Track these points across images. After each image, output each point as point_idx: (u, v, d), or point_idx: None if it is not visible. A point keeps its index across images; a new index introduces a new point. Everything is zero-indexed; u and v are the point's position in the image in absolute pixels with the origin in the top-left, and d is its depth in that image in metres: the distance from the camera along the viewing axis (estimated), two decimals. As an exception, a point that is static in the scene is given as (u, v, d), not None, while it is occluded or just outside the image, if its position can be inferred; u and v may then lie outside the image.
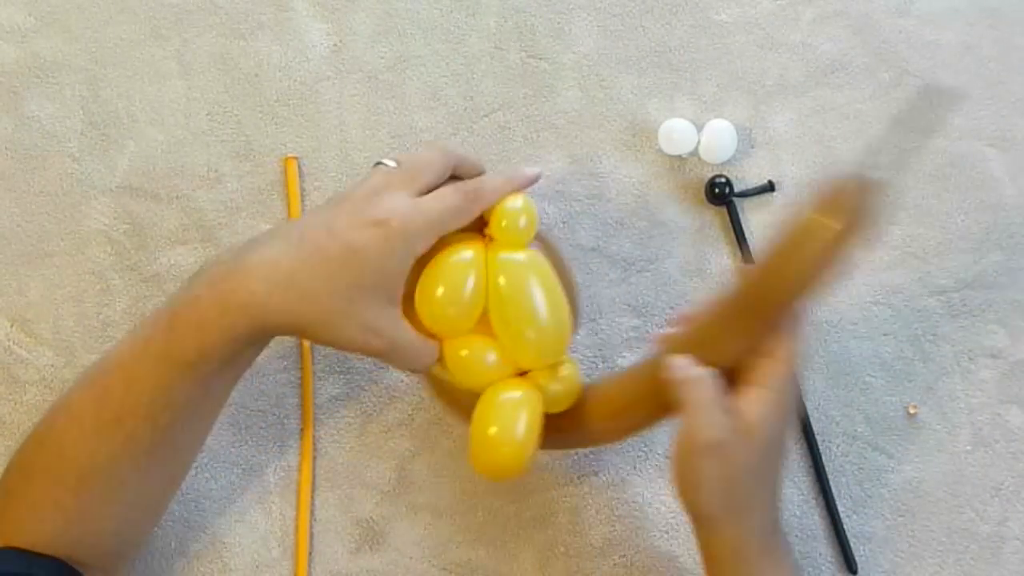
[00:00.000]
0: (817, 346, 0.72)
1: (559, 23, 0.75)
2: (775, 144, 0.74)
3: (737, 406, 0.57)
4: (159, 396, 0.58)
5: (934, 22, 0.76)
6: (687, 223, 0.73)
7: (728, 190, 0.72)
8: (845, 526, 0.70)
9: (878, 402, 0.72)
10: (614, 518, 0.70)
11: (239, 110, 0.74)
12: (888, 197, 0.55)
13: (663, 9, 0.76)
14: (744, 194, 0.73)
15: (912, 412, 0.72)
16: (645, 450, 0.71)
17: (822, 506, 0.70)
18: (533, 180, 0.64)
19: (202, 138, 0.74)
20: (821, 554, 0.70)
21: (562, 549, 0.70)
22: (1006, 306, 0.73)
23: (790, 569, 0.60)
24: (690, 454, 0.57)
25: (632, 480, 0.71)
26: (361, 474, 0.70)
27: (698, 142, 0.73)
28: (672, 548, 0.70)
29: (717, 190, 0.72)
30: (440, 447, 0.71)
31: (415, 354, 0.61)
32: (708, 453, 0.56)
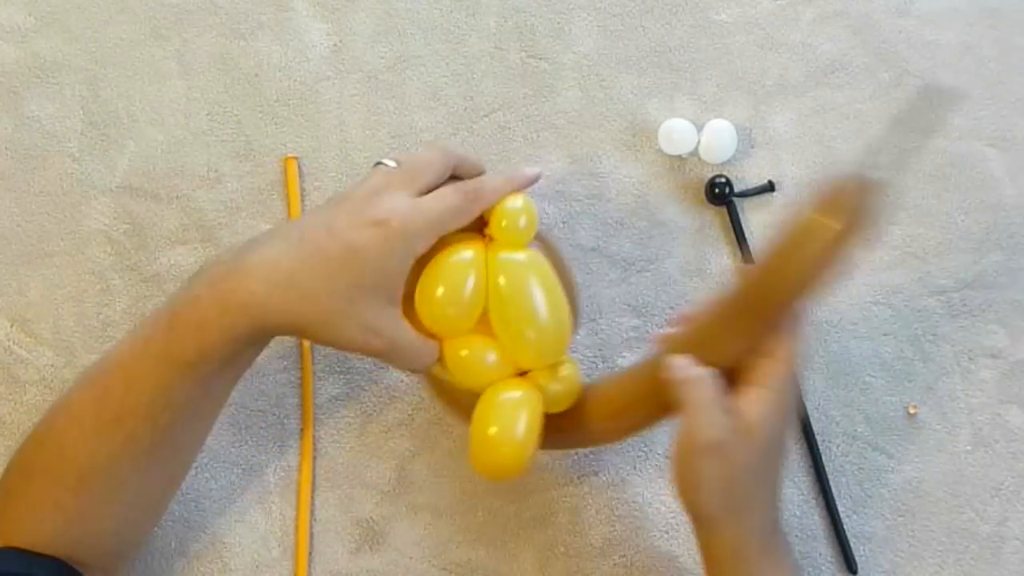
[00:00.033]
0: (817, 346, 0.72)
1: (559, 23, 0.75)
2: (775, 144, 0.74)
3: (737, 406, 0.57)
4: (159, 396, 0.58)
5: (934, 22, 0.76)
6: (687, 223, 0.73)
7: (728, 190, 0.72)
8: (845, 526, 0.70)
9: (878, 402, 0.72)
10: (614, 518, 0.70)
11: (239, 110, 0.74)
12: (888, 197, 0.55)
13: (663, 9, 0.76)
14: (744, 194, 0.73)
15: (912, 412, 0.72)
16: (645, 450, 0.71)
17: (822, 506, 0.70)
18: (533, 180, 0.64)
19: (202, 138, 0.74)
20: (821, 554, 0.70)
21: (562, 549, 0.70)
22: (1006, 306, 0.73)
23: (790, 569, 0.60)
24: (690, 454, 0.57)
25: (632, 480, 0.71)
26: (361, 474, 0.70)
27: (698, 142, 0.73)
28: (672, 548, 0.70)
29: (717, 190, 0.72)
30: (440, 447, 0.71)
31: (415, 354, 0.61)
32: (708, 453, 0.56)
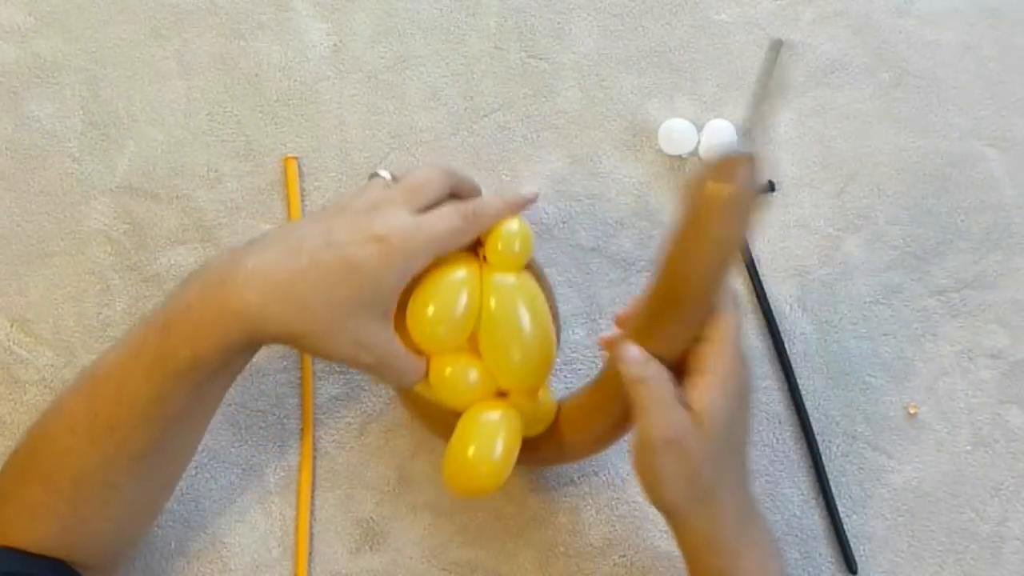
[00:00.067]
0: (817, 346, 0.72)
1: (559, 23, 0.75)
2: (775, 144, 0.74)
3: (687, 397, 0.57)
4: (152, 403, 0.58)
5: (934, 22, 0.76)
6: (687, 223, 0.73)
7: (757, 196, 0.72)
8: (845, 526, 0.70)
9: (878, 402, 0.72)
10: (614, 518, 0.70)
11: (239, 110, 0.74)
12: (765, 162, 0.56)
13: (663, 9, 0.76)
14: (744, 194, 0.73)
15: (912, 412, 0.72)
16: (645, 450, 0.71)
17: (822, 506, 0.70)
18: (531, 201, 0.63)
19: (202, 138, 0.74)
20: (821, 554, 0.70)
21: (562, 549, 0.70)
22: (1006, 306, 0.73)
23: (768, 554, 0.60)
24: (647, 453, 0.56)
25: (632, 480, 0.70)
26: (361, 474, 0.70)
27: (698, 142, 0.73)
28: (672, 548, 0.70)
29: (717, 190, 0.72)
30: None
31: (404, 370, 0.61)
32: (665, 450, 0.56)
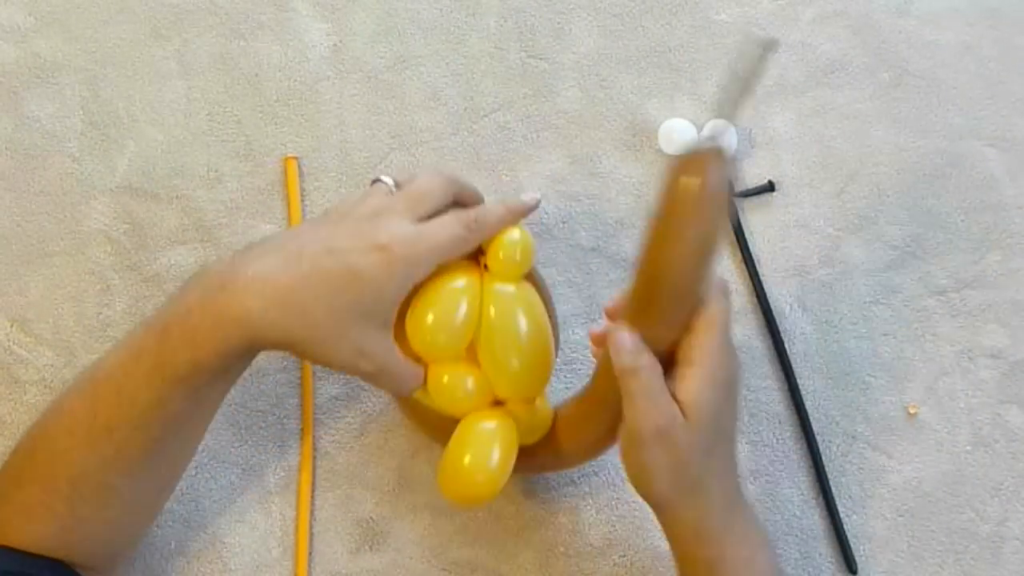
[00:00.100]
0: (817, 346, 0.72)
1: (559, 23, 0.75)
2: (775, 144, 0.74)
3: (674, 389, 0.57)
4: (150, 407, 0.57)
5: (934, 22, 0.76)
6: (687, 223, 0.73)
7: (728, 190, 0.72)
8: (845, 526, 0.70)
9: (878, 402, 0.72)
10: (614, 518, 0.70)
11: (239, 110, 0.74)
12: (733, 157, 0.55)
13: (663, 9, 0.76)
14: (744, 194, 0.73)
15: (912, 412, 0.72)
16: (645, 450, 0.71)
17: (822, 506, 0.70)
18: (532, 208, 0.63)
19: (202, 138, 0.74)
20: (821, 554, 0.70)
21: (562, 549, 0.70)
22: (1006, 306, 0.73)
23: (756, 544, 0.60)
24: (635, 444, 0.56)
25: (632, 480, 0.71)
26: (361, 474, 0.70)
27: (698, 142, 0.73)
28: (672, 548, 0.70)
29: (717, 190, 0.72)
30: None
31: (402, 379, 0.61)
32: (652, 441, 0.56)
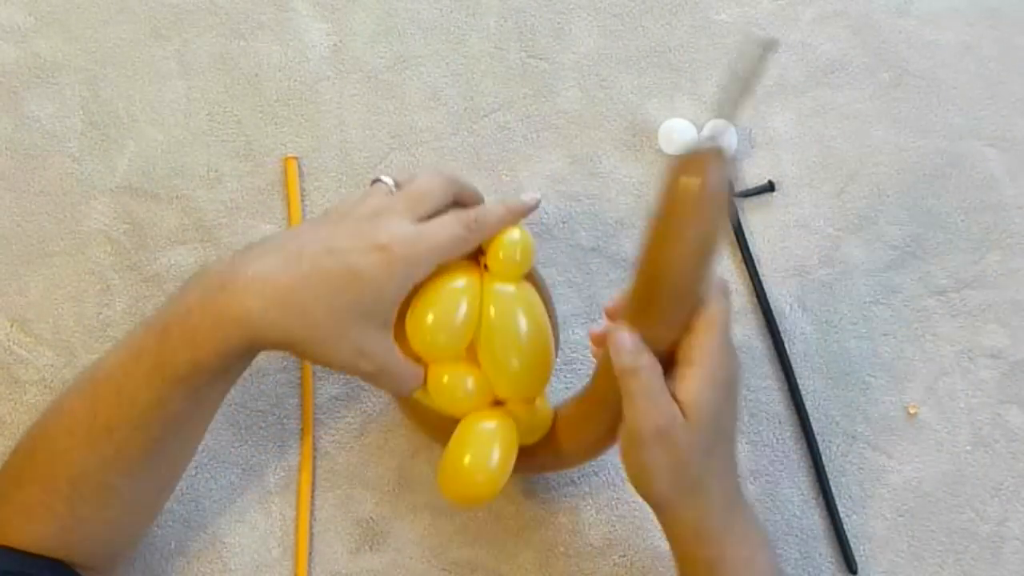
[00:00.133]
0: (817, 346, 0.72)
1: (559, 23, 0.75)
2: (775, 144, 0.74)
3: (674, 389, 0.57)
4: (150, 407, 0.57)
5: (934, 22, 0.76)
6: (687, 223, 0.73)
7: (728, 190, 0.72)
8: (845, 526, 0.70)
9: (878, 402, 0.72)
10: (614, 518, 0.70)
11: (239, 110, 0.74)
12: (733, 157, 0.55)
13: (663, 9, 0.76)
14: (744, 194, 0.73)
15: (912, 412, 0.72)
16: (645, 450, 0.71)
17: (822, 506, 0.70)
18: (532, 208, 0.63)
19: (202, 138, 0.74)
20: (821, 554, 0.70)
21: (562, 549, 0.70)
22: (1006, 306, 0.73)
23: (756, 544, 0.60)
24: (635, 444, 0.56)
25: (632, 480, 0.71)
26: (361, 474, 0.70)
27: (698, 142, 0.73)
28: (672, 548, 0.70)
29: (717, 190, 0.72)
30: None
31: (402, 379, 0.61)
32: (653, 441, 0.56)
